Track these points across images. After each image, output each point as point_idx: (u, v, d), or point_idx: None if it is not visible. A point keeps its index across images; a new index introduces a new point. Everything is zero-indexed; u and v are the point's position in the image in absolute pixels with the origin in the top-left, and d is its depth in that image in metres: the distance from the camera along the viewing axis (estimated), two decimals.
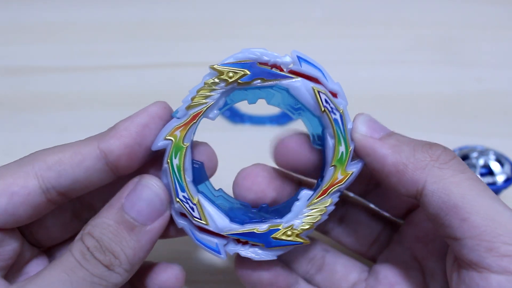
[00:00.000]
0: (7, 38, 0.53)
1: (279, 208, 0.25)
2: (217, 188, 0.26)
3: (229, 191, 0.27)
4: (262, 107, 0.26)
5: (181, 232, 0.25)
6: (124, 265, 0.22)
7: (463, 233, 0.20)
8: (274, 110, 0.43)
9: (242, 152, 0.39)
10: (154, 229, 0.23)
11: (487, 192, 0.21)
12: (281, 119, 0.43)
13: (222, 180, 0.27)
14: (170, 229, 0.25)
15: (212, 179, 0.26)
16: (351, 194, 0.29)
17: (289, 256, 0.27)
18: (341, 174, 0.23)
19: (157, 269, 0.26)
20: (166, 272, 0.25)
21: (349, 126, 0.23)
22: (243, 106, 0.24)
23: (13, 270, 0.24)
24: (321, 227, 0.28)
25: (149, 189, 0.23)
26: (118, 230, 0.22)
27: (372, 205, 0.29)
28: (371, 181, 0.27)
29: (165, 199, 0.23)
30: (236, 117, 0.43)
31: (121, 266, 0.21)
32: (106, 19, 0.55)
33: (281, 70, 0.23)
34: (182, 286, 0.26)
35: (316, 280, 0.28)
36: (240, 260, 0.26)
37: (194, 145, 0.25)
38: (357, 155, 0.24)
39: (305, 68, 0.23)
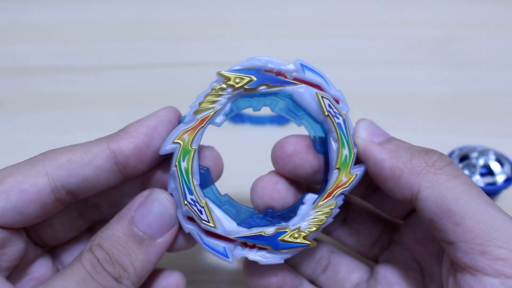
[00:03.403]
0: (7, 38, 0.53)
1: (284, 213, 0.25)
2: (222, 194, 0.26)
3: (227, 189, 0.27)
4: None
5: (185, 245, 0.26)
6: (132, 278, 0.22)
7: (457, 237, 0.20)
8: None
9: (242, 152, 0.39)
10: (163, 243, 0.23)
11: (481, 196, 0.21)
12: (281, 119, 0.43)
13: (223, 179, 0.27)
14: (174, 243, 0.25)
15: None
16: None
17: (297, 258, 0.27)
18: (345, 177, 0.24)
19: (158, 276, 0.26)
20: (167, 279, 0.26)
21: (352, 131, 0.24)
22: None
23: (16, 271, 0.24)
24: (324, 228, 0.28)
25: (159, 203, 0.23)
26: (128, 243, 0.22)
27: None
28: (371, 185, 0.27)
29: (174, 214, 0.24)
30: (236, 117, 0.43)
31: (129, 279, 0.22)
32: (106, 19, 0.55)
33: (285, 77, 0.24)
34: None
35: (320, 280, 0.28)
36: (249, 266, 0.26)
37: (200, 149, 0.25)
38: (358, 159, 0.24)
39: (308, 76, 0.24)
